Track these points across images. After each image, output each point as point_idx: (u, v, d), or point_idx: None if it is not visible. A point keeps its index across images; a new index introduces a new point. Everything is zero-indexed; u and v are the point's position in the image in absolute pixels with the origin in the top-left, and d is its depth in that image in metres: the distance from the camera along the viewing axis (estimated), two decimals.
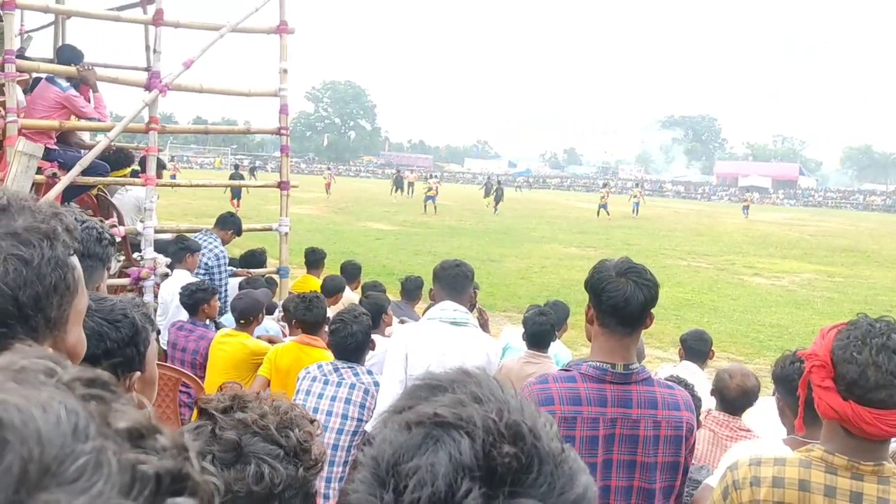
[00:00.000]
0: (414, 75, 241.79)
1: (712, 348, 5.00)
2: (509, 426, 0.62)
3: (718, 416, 3.59)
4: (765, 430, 3.27)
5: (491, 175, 49.48)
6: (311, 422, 1.39)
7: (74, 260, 1.05)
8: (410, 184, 43.90)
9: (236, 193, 22.11)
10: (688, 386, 3.18)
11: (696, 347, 4.82)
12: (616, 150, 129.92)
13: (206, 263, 6.37)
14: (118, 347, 1.69)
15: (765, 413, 3.44)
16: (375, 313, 4.67)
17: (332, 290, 6.44)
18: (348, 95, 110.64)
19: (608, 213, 34.02)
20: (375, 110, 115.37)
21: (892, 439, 1.84)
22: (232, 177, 27.62)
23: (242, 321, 4.87)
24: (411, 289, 6.37)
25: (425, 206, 31.73)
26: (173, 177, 23.42)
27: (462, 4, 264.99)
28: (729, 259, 20.03)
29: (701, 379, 4.77)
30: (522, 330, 6.13)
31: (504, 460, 0.60)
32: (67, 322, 1.05)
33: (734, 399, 3.55)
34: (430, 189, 33.00)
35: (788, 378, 2.46)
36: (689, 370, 4.66)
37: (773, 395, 2.70)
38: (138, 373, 1.74)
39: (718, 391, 3.62)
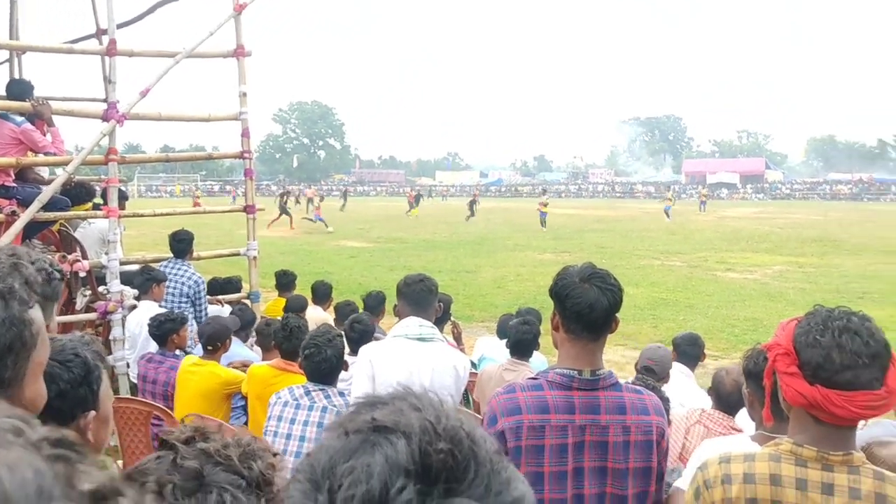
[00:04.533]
0: (381, 91, 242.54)
1: (704, 351, 5.05)
2: (447, 429, 0.63)
3: (714, 413, 3.60)
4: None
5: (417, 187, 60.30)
6: (274, 454, 1.37)
7: (33, 313, 1.02)
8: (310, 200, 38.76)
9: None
10: (655, 389, 3.16)
11: (688, 351, 4.90)
12: (585, 154, 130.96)
13: (186, 292, 6.28)
14: (71, 388, 1.66)
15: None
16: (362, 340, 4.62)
17: (296, 309, 6.53)
18: (315, 115, 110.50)
19: (668, 217, 36.06)
20: (344, 128, 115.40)
21: (860, 426, 1.84)
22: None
23: (210, 347, 4.79)
24: (373, 305, 6.29)
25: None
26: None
27: (424, 16, 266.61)
28: (702, 256, 20.20)
29: (691, 382, 4.81)
30: (497, 339, 6.11)
31: (439, 457, 0.60)
32: (24, 377, 1.02)
33: (729, 395, 3.57)
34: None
35: (761, 372, 2.46)
36: (681, 373, 4.70)
37: (744, 389, 2.71)
38: (93, 412, 1.70)
39: (715, 389, 3.64)
